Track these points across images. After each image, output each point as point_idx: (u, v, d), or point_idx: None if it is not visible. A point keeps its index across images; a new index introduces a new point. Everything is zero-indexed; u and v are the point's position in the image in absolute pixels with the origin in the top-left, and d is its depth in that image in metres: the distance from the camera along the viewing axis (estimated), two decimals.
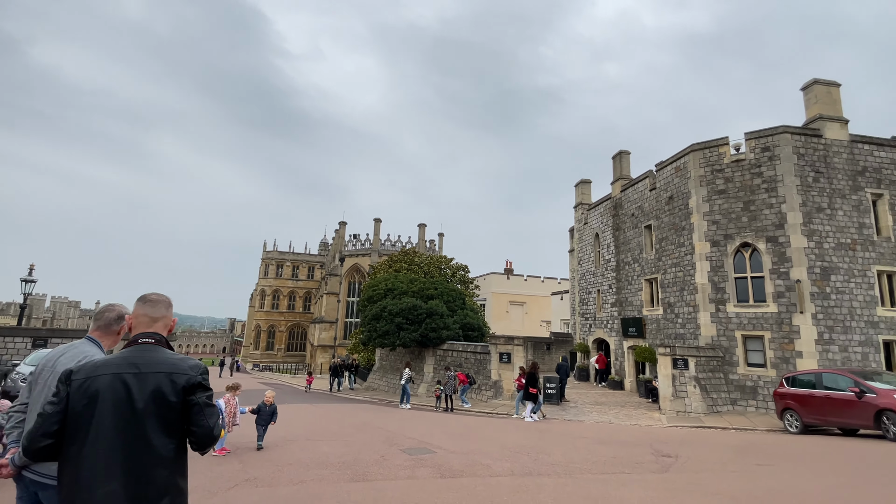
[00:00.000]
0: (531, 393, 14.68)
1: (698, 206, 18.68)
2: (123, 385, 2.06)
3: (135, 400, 2.04)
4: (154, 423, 2.04)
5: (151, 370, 2.12)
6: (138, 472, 1.98)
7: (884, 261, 16.68)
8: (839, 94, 18.48)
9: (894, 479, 7.28)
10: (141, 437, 2.01)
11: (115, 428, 2.00)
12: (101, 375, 2.09)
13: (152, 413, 2.04)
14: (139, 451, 2.00)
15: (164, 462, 2.03)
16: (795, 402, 12.60)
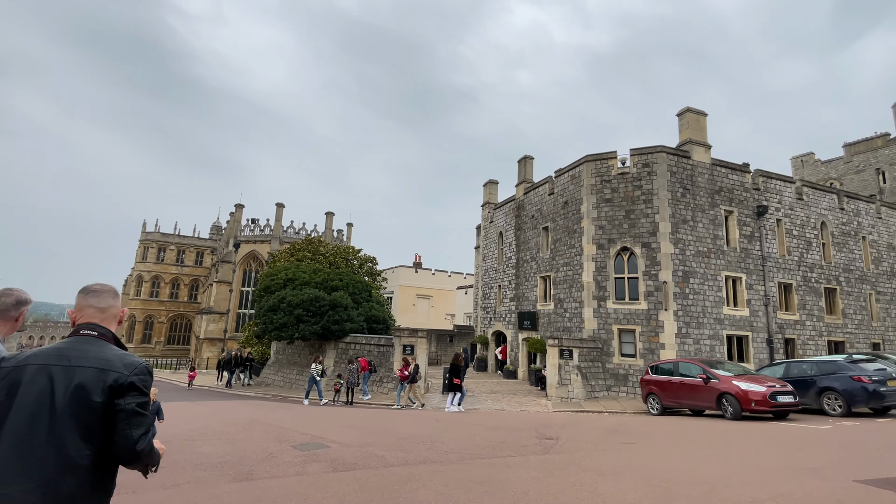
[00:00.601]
0: (455, 384, 15.03)
1: (588, 212, 20.47)
2: (48, 378, 1.84)
3: (56, 396, 1.81)
4: (72, 423, 1.79)
5: (81, 364, 1.88)
6: (45, 477, 1.73)
7: (730, 267, 19.79)
8: (706, 123, 21.45)
9: (727, 450, 8.69)
10: (54, 439, 1.77)
11: (29, 425, 1.77)
12: (28, 366, 1.87)
13: (71, 413, 1.80)
14: (49, 455, 1.76)
15: (75, 470, 1.77)
16: (657, 388, 14.47)
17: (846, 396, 12.40)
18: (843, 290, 22.42)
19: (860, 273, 23.29)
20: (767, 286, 20.14)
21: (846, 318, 22.12)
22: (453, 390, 15.13)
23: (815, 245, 22.21)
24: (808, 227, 22.26)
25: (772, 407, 11.96)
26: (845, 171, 43.80)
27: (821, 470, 6.83)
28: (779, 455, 7.95)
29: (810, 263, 21.73)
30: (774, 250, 20.89)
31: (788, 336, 20.28)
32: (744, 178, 21.19)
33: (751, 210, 20.78)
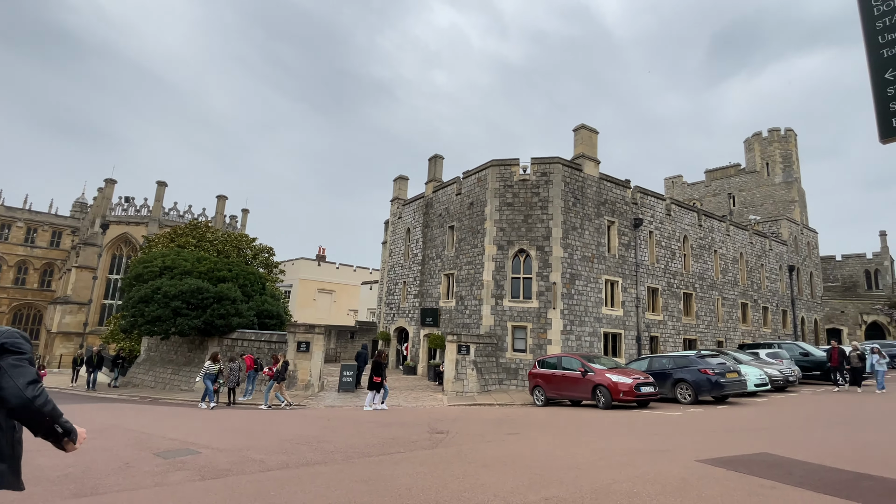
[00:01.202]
0: (375, 382, 14.50)
1: (491, 214, 21.31)
2: None
3: None
4: None
5: None
6: None
7: (609, 272, 21.95)
8: (597, 140, 23.52)
9: (597, 437, 9.55)
10: None
11: None
12: None
13: None
14: None
15: None
16: (542, 381, 15.52)
17: (695, 387, 14.43)
18: (698, 296, 26.17)
19: (711, 281, 27.36)
20: (639, 290, 22.75)
21: (699, 319, 25.84)
22: (374, 388, 14.78)
23: (678, 255, 25.61)
24: (674, 239, 25.58)
25: (636, 397, 13.48)
26: (705, 193, 51.22)
27: (670, 452, 7.78)
28: (639, 439, 8.94)
29: (673, 271, 25.00)
30: (646, 258, 23.67)
31: (653, 334, 23.12)
32: (625, 193, 23.65)
33: (629, 222, 23.29)
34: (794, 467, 6.83)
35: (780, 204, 44.41)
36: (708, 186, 50.85)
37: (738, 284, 29.45)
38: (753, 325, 29.88)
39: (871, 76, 2.26)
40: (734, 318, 28.53)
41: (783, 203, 44.35)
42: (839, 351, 18.12)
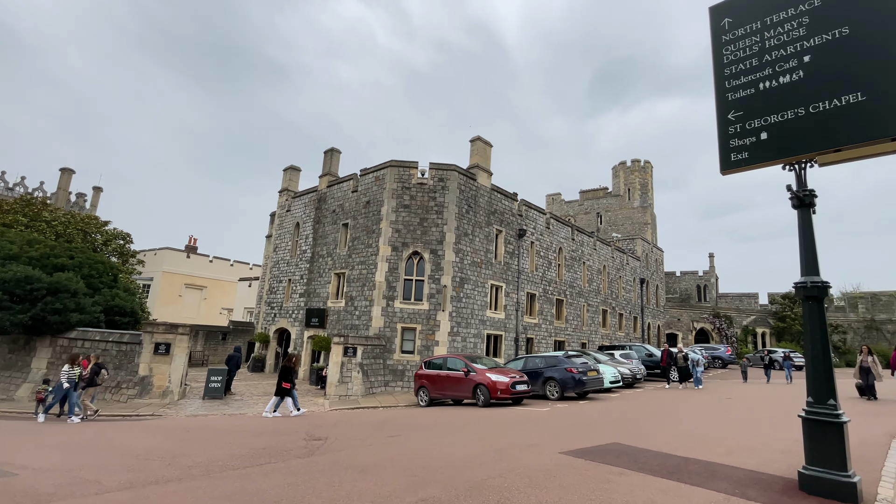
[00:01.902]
0: (284, 388, 13.26)
1: (387, 215, 21.13)
2: None
3: None
4: None
5: None
6: None
7: (495, 277, 23.19)
8: (490, 152, 24.75)
9: (475, 434, 9.91)
10: None
11: None
12: None
13: None
14: None
15: None
16: (427, 381, 15.75)
17: (562, 384, 15.87)
18: (568, 302, 28.95)
19: (579, 289, 30.49)
20: (519, 295, 24.42)
21: (567, 323, 28.59)
22: (282, 395, 13.41)
23: (554, 265, 28.09)
24: (551, 250, 28.01)
25: (512, 394, 14.37)
26: (579, 211, 57.07)
27: (538, 446, 8.38)
28: (511, 435, 9.50)
29: (549, 279, 27.34)
30: (527, 266, 25.53)
31: (530, 336, 24.98)
32: (512, 205, 25.26)
33: (514, 231, 24.91)
34: (638, 455, 7.81)
35: (637, 225, 51.40)
36: (581, 205, 56.85)
37: (601, 293, 33.30)
38: (611, 329, 34.02)
39: (717, 116, 2.69)
40: (596, 322, 32.16)
41: (639, 224, 51.39)
42: (668, 352, 21.13)
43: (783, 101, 2.50)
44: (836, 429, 6.11)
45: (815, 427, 6.22)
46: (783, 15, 2.56)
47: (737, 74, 2.75)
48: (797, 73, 2.48)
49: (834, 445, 6.08)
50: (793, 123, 2.46)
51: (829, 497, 5.89)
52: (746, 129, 2.61)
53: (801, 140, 2.38)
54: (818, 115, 2.36)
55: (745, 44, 2.71)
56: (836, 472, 6.02)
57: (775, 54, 2.56)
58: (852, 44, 2.27)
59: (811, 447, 6.28)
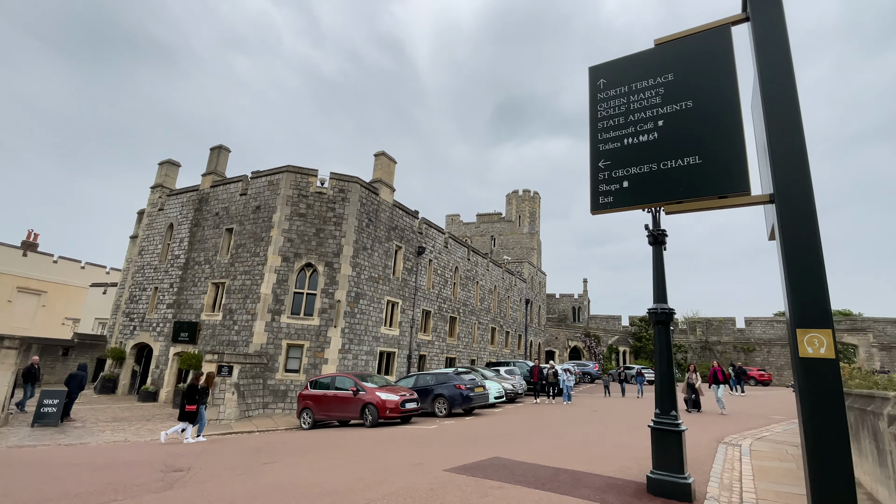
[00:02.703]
0: (187, 411, 11.67)
1: (280, 223, 19.92)
2: None
3: None
4: None
5: None
6: None
7: (392, 293, 23.07)
8: (395, 169, 24.85)
9: (359, 456, 9.58)
10: None
11: None
12: None
13: None
14: None
15: None
16: (312, 402, 14.93)
17: (450, 401, 16.18)
18: (461, 319, 29.88)
19: (472, 307, 31.69)
20: (415, 311, 24.58)
21: (459, 340, 29.44)
22: (186, 419, 11.75)
23: (450, 283, 28.88)
24: (448, 269, 28.79)
25: (401, 413, 14.26)
26: (475, 233, 59.69)
27: (423, 464, 8.38)
28: (398, 455, 9.38)
29: (444, 297, 28.01)
30: (424, 283, 25.88)
31: (423, 353, 25.18)
32: (413, 222, 25.56)
33: (414, 248, 25.17)
34: (516, 468, 8.23)
35: (525, 249, 55.35)
36: (478, 227, 59.63)
37: (491, 312, 35.00)
38: (498, 346, 35.81)
39: (590, 163, 3.06)
40: (485, 339, 33.62)
41: (527, 249, 55.40)
42: (539, 369, 22.05)
43: (641, 156, 2.94)
44: (676, 436, 7.11)
45: (660, 435, 7.18)
46: (645, 84, 3.05)
47: (607, 129, 3.16)
48: (653, 135, 2.94)
49: (674, 451, 7.06)
50: (647, 177, 2.89)
51: (671, 497, 6.80)
52: (612, 177, 3.01)
53: (652, 192, 2.81)
54: (666, 172, 2.82)
55: (616, 103, 3.15)
56: (675, 475, 6.99)
57: (638, 116, 3.02)
58: (694, 115, 2.79)
59: (657, 454, 7.22)
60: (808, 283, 2.17)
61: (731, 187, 2.61)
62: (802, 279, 2.19)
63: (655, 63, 3.02)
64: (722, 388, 17.30)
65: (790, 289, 2.22)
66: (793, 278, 2.21)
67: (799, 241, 2.21)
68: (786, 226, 2.26)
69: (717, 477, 8.07)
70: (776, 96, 2.49)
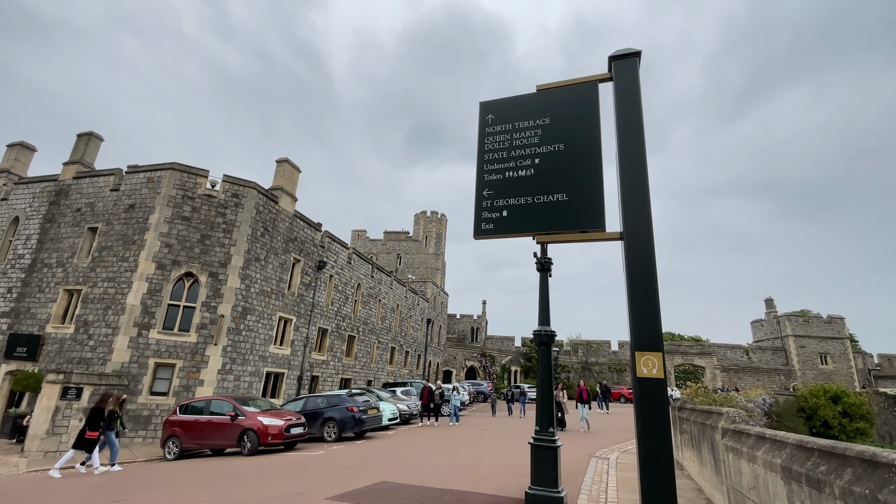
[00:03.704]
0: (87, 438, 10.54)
1: (158, 225, 17.82)
2: None
3: None
4: None
5: None
6: None
7: (286, 309, 21.72)
8: (298, 178, 23.79)
9: (228, 492, 8.69)
10: None
11: None
12: None
13: None
14: None
15: None
16: (181, 429, 13.28)
17: (340, 424, 15.49)
18: (360, 338, 29.08)
19: (372, 326, 31.06)
20: (311, 329, 23.38)
21: (356, 360, 28.56)
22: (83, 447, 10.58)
23: (351, 300, 28.07)
24: (350, 285, 28.00)
25: (285, 439, 13.28)
26: (381, 250, 59.16)
27: (303, 493, 7.86)
28: (276, 485, 8.69)
29: (344, 314, 27.10)
30: (322, 300, 24.81)
31: (316, 374, 23.92)
32: (315, 235, 24.55)
33: (314, 263, 24.11)
34: (402, 492, 8.09)
35: (430, 270, 56.15)
36: (384, 245, 59.24)
37: (392, 331, 34.64)
38: (397, 366, 35.43)
39: (475, 190, 3.24)
40: (384, 359, 33.07)
41: (432, 269, 56.26)
42: (429, 390, 20.50)
43: (519, 189, 3.19)
44: (552, 452, 7.57)
45: (539, 452, 7.59)
46: (526, 124, 3.35)
47: (492, 161, 3.38)
48: (530, 171, 3.22)
49: (550, 467, 7.50)
50: (523, 208, 3.13)
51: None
52: (494, 206, 3.22)
53: (527, 222, 3.06)
54: (539, 206, 3.09)
55: (501, 139, 3.40)
56: (550, 490, 7.40)
57: (518, 152, 3.29)
58: (565, 156, 3.13)
59: (535, 470, 7.60)
60: (645, 312, 2.50)
61: (590, 224, 2.93)
62: (641, 308, 2.52)
63: (536, 106, 3.34)
64: (586, 408, 17.43)
65: (631, 317, 2.54)
66: (633, 307, 2.53)
67: (639, 276, 2.55)
68: (630, 260, 2.59)
69: (588, 489, 8.73)
70: (628, 149, 2.90)
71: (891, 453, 2.89)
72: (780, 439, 5.04)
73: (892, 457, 2.75)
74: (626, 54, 3.16)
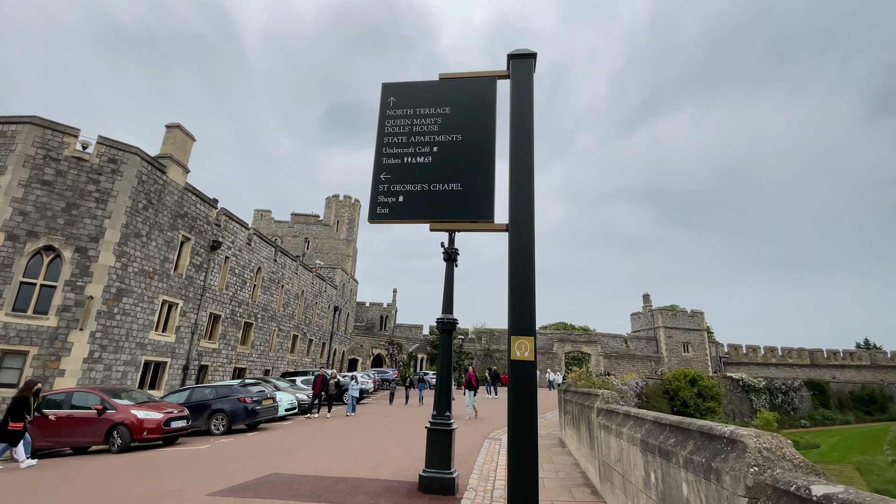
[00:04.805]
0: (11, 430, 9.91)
1: (10, 188, 15.06)
2: None
3: None
4: None
5: None
6: None
7: (171, 292, 19.66)
8: (191, 147, 21.54)
9: (91, 490, 7.74)
10: None
11: None
12: None
13: None
14: None
15: None
16: (33, 426, 11.45)
17: (230, 416, 14.50)
18: (258, 326, 27.37)
19: (273, 313, 29.40)
20: (200, 315, 21.46)
21: (253, 348, 26.87)
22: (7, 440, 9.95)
23: (249, 285, 26.25)
24: (249, 269, 26.15)
25: (164, 433, 12.13)
26: (288, 233, 56.06)
27: (182, 491, 7.26)
28: (151, 483, 7.91)
29: (240, 300, 25.28)
30: (216, 283, 22.88)
31: (204, 363, 22.07)
32: (210, 212, 22.48)
33: (207, 242, 22.08)
34: (294, 482, 7.83)
35: (340, 256, 54.56)
36: (291, 227, 56.17)
37: (295, 318, 33.13)
38: (299, 355, 34.03)
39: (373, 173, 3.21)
40: (285, 348, 31.55)
41: (342, 255, 54.70)
42: (322, 378, 18.65)
43: (416, 176, 3.22)
44: (448, 435, 7.84)
45: (435, 435, 7.81)
46: (427, 111, 3.38)
47: (391, 145, 3.37)
48: (428, 158, 3.26)
49: (445, 449, 7.76)
50: (419, 195, 3.17)
51: (437, 493, 7.42)
52: (391, 191, 3.21)
53: (422, 209, 3.10)
54: (435, 194, 3.15)
55: (401, 123, 3.39)
56: (443, 471, 7.68)
57: (418, 139, 3.31)
58: (461, 147, 3.22)
59: (430, 453, 7.82)
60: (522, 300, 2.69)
61: (481, 214, 3.06)
62: (519, 296, 2.70)
63: (437, 94, 3.39)
64: (472, 394, 17.39)
65: (510, 304, 2.71)
66: (512, 295, 2.71)
67: (520, 266, 2.73)
68: (513, 252, 2.76)
69: (479, 468, 9.20)
70: (519, 146, 3.07)
71: (724, 427, 3.45)
72: (642, 417, 5.75)
73: (724, 430, 3.28)
74: (523, 54, 3.31)
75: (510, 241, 2.81)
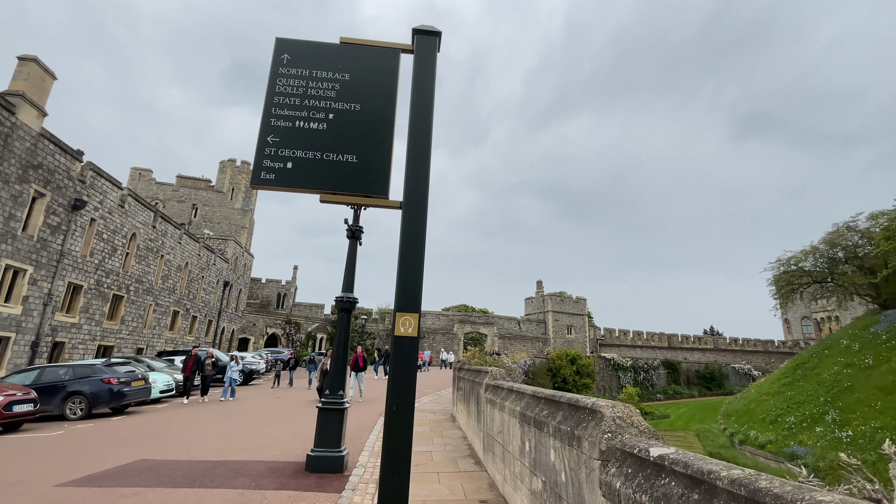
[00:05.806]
0: None
1: None
2: None
3: None
4: None
5: None
6: None
7: (17, 256, 16.58)
8: (51, 86, 18.18)
9: None
10: None
11: None
12: None
13: None
14: None
15: None
16: None
17: (91, 399, 12.80)
18: (130, 299, 24.30)
19: (149, 285, 26.28)
20: (56, 284, 18.43)
21: (124, 324, 23.85)
22: None
23: (120, 253, 23.10)
24: (120, 234, 22.96)
25: (4, 419, 10.39)
26: (171, 197, 50.22)
27: (25, 482, 6.38)
28: None
29: (108, 269, 22.17)
30: (77, 249, 19.76)
31: (60, 339, 19.10)
32: (72, 165, 19.23)
33: (67, 200, 18.91)
34: (164, 468, 7.20)
35: (234, 227, 50.33)
36: (176, 191, 50.36)
37: (176, 292, 29.99)
38: (180, 333, 30.97)
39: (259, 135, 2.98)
40: (163, 325, 28.50)
41: (236, 227, 50.51)
42: (196, 358, 16.82)
43: (308, 142, 3.06)
44: (339, 414, 7.75)
45: (326, 414, 7.67)
46: (324, 75, 3.21)
47: (282, 106, 3.15)
48: (323, 125, 3.11)
49: (335, 428, 7.67)
50: (310, 163, 3.02)
51: (325, 471, 7.33)
52: (279, 156, 3.01)
53: (313, 178, 2.96)
54: (327, 163, 3.02)
55: (295, 83, 3.18)
56: (332, 450, 7.60)
57: (313, 103, 3.13)
58: (360, 118, 3.12)
59: (320, 432, 7.68)
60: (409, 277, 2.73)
61: (375, 190, 3.02)
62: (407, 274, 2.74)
63: (338, 59, 3.22)
64: (361, 375, 17.01)
65: (398, 281, 2.74)
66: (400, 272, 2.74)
67: (411, 244, 2.77)
68: (405, 230, 2.78)
69: (371, 446, 9.27)
70: (418, 123, 3.06)
71: (587, 399, 3.88)
72: (522, 391, 6.23)
73: (587, 402, 3.69)
74: (428, 31, 3.28)
75: (403, 219, 2.80)
